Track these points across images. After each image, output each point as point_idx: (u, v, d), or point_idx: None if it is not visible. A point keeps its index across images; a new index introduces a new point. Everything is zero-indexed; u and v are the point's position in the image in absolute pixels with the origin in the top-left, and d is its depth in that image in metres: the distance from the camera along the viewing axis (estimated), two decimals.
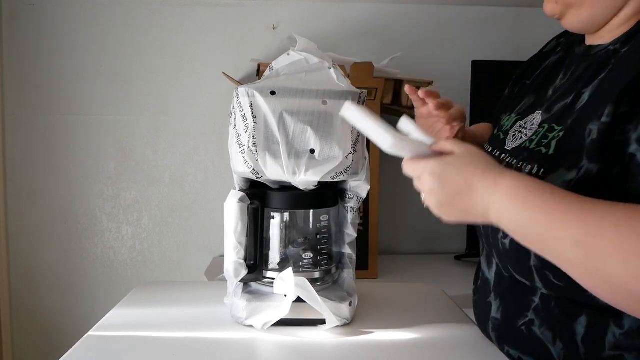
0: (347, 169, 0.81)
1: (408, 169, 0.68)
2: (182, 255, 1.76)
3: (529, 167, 0.73)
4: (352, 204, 0.89)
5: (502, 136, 0.87)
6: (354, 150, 0.81)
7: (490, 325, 0.80)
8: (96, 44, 1.69)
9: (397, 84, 1.51)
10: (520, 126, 0.82)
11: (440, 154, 0.67)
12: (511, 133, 0.84)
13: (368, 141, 0.87)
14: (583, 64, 0.78)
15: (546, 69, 0.89)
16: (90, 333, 0.82)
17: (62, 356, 0.74)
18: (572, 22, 0.75)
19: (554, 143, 0.72)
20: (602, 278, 0.56)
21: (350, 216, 0.88)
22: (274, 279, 0.83)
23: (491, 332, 0.80)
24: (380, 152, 1.58)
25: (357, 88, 0.87)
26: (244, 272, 0.84)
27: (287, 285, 0.80)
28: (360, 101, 0.83)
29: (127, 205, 1.74)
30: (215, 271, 1.52)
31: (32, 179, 1.71)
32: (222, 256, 1.73)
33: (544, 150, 0.73)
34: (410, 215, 1.79)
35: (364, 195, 0.89)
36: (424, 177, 0.66)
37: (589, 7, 0.72)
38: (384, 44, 1.73)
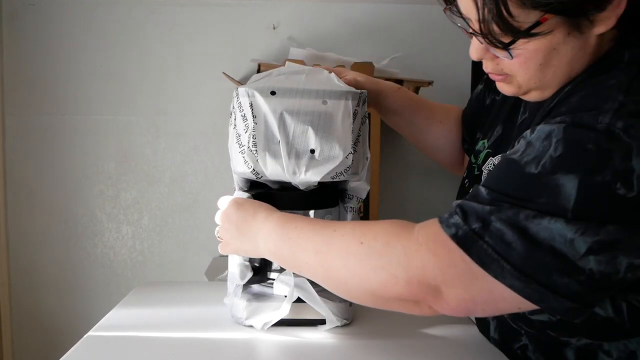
0: (347, 169, 0.81)
1: (219, 202, 0.82)
2: (182, 255, 1.76)
3: None
4: (352, 204, 0.89)
5: (476, 171, 0.87)
6: (354, 150, 0.81)
7: (491, 341, 0.81)
8: (96, 44, 1.69)
9: (397, 84, 1.51)
10: (493, 165, 0.82)
11: None
12: (484, 171, 0.84)
13: (370, 141, 0.87)
14: (536, 103, 0.76)
15: None
16: (90, 333, 0.82)
17: (62, 356, 0.74)
18: (535, 98, 0.72)
19: None
20: (335, 280, 0.68)
21: (350, 216, 0.88)
22: (274, 279, 0.83)
23: (490, 349, 0.80)
24: (380, 152, 1.59)
25: (357, 88, 0.87)
26: (249, 275, 0.84)
27: (287, 286, 0.80)
28: (361, 101, 0.83)
29: (127, 205, 1.74)
30: (215, 271, 1.52)
31: (32, 179, 1.71)
32: (222, 256, 1.73)
33: None
34: (410, 215, 1.79)
35: (363, 195, 0.88)
36: (229, 204, 0.80)
37: (553, 89, 0.69)
38: (384, 44, 1.73)
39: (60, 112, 1.70)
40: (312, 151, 0.79)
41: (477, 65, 1.63)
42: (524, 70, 0.67)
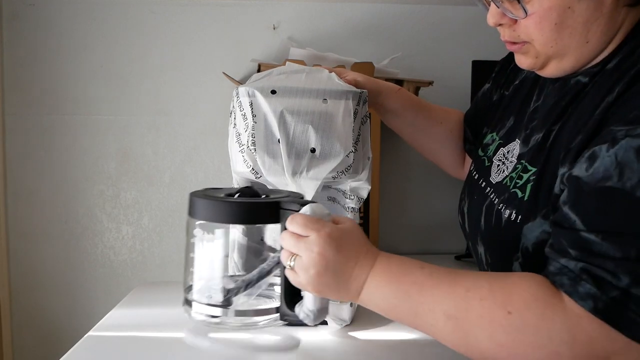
0: (348, 168, 0.81)
1: (298, 223, 0.65)
2: (182, 255, 1.76)
3: (508, 211, 0.73)
4: (352, 204, 0.89)
5: (486, 162, 0.86)
6: (355, 149, 0.81)
7: None
8: (96, 44, 1.69)
9: (398, 84, 1.50)
10: (504, 155, 0.82)
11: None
12: (495, 162, 0.83)
13: (370, 141, 0.87)
14: (554, 88, 0.76)
15: (524, 82, 0.87)
16: (90, 333, 0.82)
17: (62, 356, 0.74)
18: (553, 72, 0.72)
19: (529, 187, 0.71)
20: (473, 348, 0.60)
21: (350, 216, 0.88)
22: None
23: None
24: (381, 152, 1.59)
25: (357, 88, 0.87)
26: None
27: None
28: (361, 101, 0.83)
29: (127, 205, 1.74)
30: None
31: (32, 179, 1.71)
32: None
33: (519, 194, 0.72)
34: (410, 215, 1.79)
35: (364, 195, 0.88)
36: (317, 238, 0.63)
37: (571, 58, 0.69)
38: (384, 44, 1.73)
39: (60, 112, 1.70)
40: (313, 150, 0.79)
41: (477, 66, 1.63)
42: (540, 31, 0.67)
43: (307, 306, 0.67)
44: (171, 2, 1.69)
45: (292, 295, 0.68)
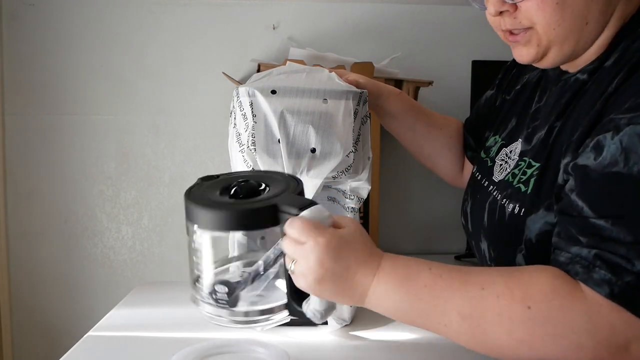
0: (349, 168, 0.81)
1: (295, 228, 0.61)
2: (182, 255, 1.75)
3: (511, 205, 0.74)
4: (352, 204, 0.89)
5: (489, 163, 0.87)
6: (355, 149, 0.81)
7: None
8: (96, 44, 1.69)
9: (397, 84, 1.51)
10: (506, 155, 0.83)
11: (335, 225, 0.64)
12: (498, 161, 0.84)
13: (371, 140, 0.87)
14: (556, 89, 0.77)
15: (526, 86, 0.88)
16: (90, 333, 0.83)
17: (62, 356, 0.74)
18: (554, 60, 0.72)
19: (532, 182, 0.72)
20: (492, 347, 0.59)
21: (350, 216, 0.88)
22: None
23: None
24: (380, 151, 1.59)
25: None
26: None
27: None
28: (361, 101, 0.83)
29: (127, 206, 1.74)
30: None
31: (32, 179, 1.71)
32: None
33: (523, 188, 0.73)
34: (410, 215, 1.79)
35: (364, 195, 0.89)
36: (314, 246, 0.60)
37: (571, 41, 0.69)
38: (384, 44, 1.73)
39: (60, 112, 1.70)
40: (313, 150, 0.79)
41: (477, 65, 1.64)
42: (542, 12, 0.67)
43: (313, 306, 0.65)
44: (171, 2, 1.69)
45: (298, 292, 0.66)
